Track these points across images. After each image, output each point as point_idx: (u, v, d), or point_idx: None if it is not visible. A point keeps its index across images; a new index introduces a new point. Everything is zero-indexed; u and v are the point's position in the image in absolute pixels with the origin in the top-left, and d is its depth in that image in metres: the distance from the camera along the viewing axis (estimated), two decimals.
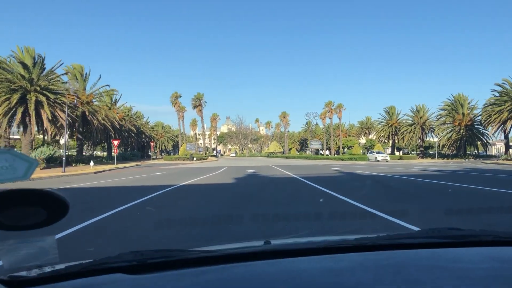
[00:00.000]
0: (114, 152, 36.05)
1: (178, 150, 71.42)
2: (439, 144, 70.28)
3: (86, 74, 45.06)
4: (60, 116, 33.21)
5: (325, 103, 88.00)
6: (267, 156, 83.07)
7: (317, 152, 64.22)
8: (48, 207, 0.86)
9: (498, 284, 1.00)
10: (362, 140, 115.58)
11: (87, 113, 42.66)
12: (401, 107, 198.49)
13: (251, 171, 24.69)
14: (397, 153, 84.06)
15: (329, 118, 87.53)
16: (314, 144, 49.80)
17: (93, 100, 45.55)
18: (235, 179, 17.35)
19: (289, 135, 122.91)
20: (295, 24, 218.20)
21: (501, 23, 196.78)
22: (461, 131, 58.09)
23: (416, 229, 4.94)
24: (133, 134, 61.59)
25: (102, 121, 43.94)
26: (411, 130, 71.58)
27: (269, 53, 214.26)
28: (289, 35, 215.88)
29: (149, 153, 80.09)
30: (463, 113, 58.62)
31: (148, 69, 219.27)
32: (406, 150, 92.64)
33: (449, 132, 59.51)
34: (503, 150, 61.23)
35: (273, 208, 8.27)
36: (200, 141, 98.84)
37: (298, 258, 1.22)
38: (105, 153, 60.29)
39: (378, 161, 42.85)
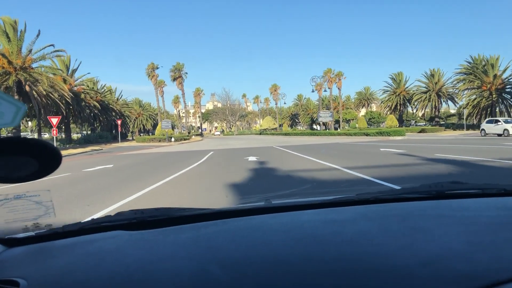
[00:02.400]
0: (53, 134, 25.59)
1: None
2: (459, 113, 61.12)
3: (21, 30, 33.75)
4: None
5: (323, 71, 77.72)
6: (260, 134, 72.69)
7: (325, 126, 54.10)
8: (39, 158, 0.81)
9: (505, 230, 0.99)
10: (361, 113, 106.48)
11: (23, 82, 31.76)
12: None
13: (254, 158, 14.80)
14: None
15: (329, 88, 77.50)
16: (324, 116, 39.92)
17: (35, 65, 34.53)
18: (235, 187, 7.28)
19: (279, 110, 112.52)
20: None
21: None
22: (492, 96, 48.45)
23: None
24: (96, 111, 50.67)
25: (46, 93, 33.03)
26: (425, 98, 62.12)
27: (257, 21, 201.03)
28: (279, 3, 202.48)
29: (125, 133, 69.40)
30: (494, 75, 48.81)
31: (126, 48, 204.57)
32: (412, 122, 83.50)
33: (477, 99, 49.82)
34: None
35: None
36: (185, 120, 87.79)
37: (300, 211, 1.21)
38: (64, 135, 49.33)
39: (502, 135, 27.02)
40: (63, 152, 26.65)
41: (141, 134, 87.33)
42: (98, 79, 59.22)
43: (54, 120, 24.86)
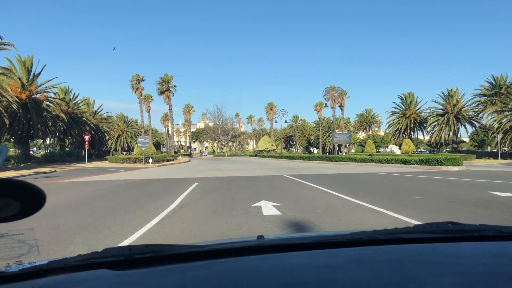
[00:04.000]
0: None
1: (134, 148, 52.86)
2: (476, 139, 54.32)
3: None
4: None
5: (325, 89, 70.92)
6: (255, 156, 64.61)
7: (339, 149, 46.17)
8: (21, 198, 0.79)
9: (501, 280, 0.96)
10: (361, 136, 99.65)
11: None
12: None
13: (271, 207, 7.15)
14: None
15: (331, 108, 70.46)
16: (340, 137, 32.28)
17: None
18: None
19: (273, 132, 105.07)
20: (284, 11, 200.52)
21: None
22: None
23: None
24: (63, 125, 42.63)
25: None
26: (442, 121, 55.27)
27: (252, 38, 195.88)
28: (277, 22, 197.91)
29: (105, 151, 61.07)
30: None
31: (118, 66, 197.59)
32: (421, 147, 76.58)
33: (508, 123, 42.85)
34: None
35: None
36: (175, 138, 79.84)
37: (291, 253, 1.19)
38: (20, 151, 40.97)
39: None
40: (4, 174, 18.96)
41: (124, 153, 79.10)
42: (70, 87, 51.32)
43: None
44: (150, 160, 32.26)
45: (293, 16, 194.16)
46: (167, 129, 79.67)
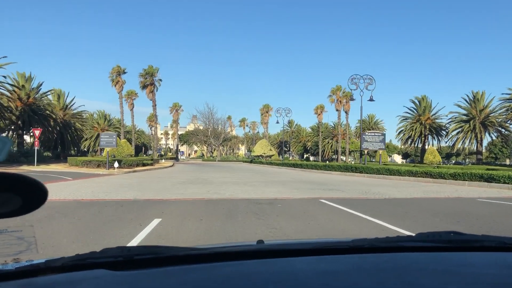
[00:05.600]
0: None
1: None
2: (505, 151, 47.27)
3: None
4: None
5: (331, 89, 63.70)
6: (251, 161, 56.39)
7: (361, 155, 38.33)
8: (23, 193, 0.79)
9: None
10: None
11: None
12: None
13: None
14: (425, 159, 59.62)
15: (337, 110, 63.30)
16: (372, 140, 24.17)
17: None
18: None
19: (266, 137, 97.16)
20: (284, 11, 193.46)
21: None
22: None
23: None
24: (13, 116, 34.33)
25: None
26: (467, 128, 48.09)
27: (244, 39, 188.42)
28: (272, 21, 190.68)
29: (60, 151, 52.34)
30: None
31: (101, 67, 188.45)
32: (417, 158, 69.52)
33: None
34: None
35: None
36: (163, 141, 71.55)
37: (293, 258, 1.17)
38: None
39: None
40: None
41: (101, 155, 70.71)
42: (33, 75, 42.87)
43: None
44: (116, 165, 24.29)
45: (294, 17, 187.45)
46: (152, 129, 71.20)
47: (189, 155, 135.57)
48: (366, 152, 25.79)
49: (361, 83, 25.79)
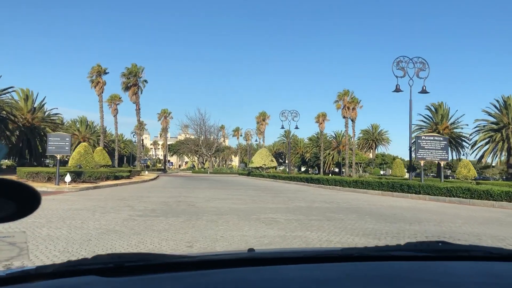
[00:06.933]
0: None
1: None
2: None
3: None
4: None
5: (338, 93, 57.32)
6: (248, 174, 49.00)
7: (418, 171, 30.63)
8: (16, 199, 0.78)
9: None
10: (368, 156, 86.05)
11: None
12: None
13: None
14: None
15: (344, 117, 56.74)
16: (430, 147, 16.47)
17: None
18: None
19: (261, 148, 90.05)
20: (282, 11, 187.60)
21: None
22: None
23: None
24: None
25: None
26: (499, 138, 41.74)
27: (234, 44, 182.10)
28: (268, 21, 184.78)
29: (27, 160, 44.80)
30: None
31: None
32: (446, 172, 63.18)
33: None
34: None
35: None
36: (139, 149, 64.34)
37: (283, 266, 1.19)
38: None
39: None
40: None
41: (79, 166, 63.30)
42: None
43: None
44: (67, 179, 17.28)
45: (292, 24, 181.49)
46: (135, 136, 64.00)
47: (179, 166, 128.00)
48: (422, 164, 18.80)
49: (409, 68, 19.04)
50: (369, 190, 18.76)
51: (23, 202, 0.79)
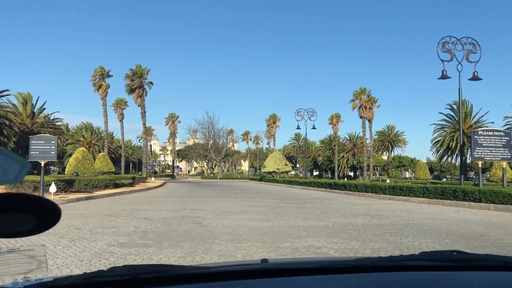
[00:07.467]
0: None
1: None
2: None
3: None
4: None
5: (354, 92, 54.42)
6: (260, 180, 46.03)
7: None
8: (37, 213, 0.81)
9: None
10: (382, 157, 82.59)
11: None
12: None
13: None
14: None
15: (361, 117, 53.71)
16: (490, 146, 13.78)
17: None
18: None
19: (271, 152, 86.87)
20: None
21: None
22: None
23: None
24: None
25: None
26: None
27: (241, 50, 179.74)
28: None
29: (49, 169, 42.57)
30: None
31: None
32: (471, 174, 59.58)
33: None
34: None
35: None
36: (145, 153, 62.03)
37: (296, 277, 1.19)
38: None
39: None
40: None
41: (75, 173, 60.93)
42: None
43: None
44: (52, 189, 14.64)
45: (301, 25, 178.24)
46: (144, 141, 61.67)
47: (188, 172, 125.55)
48: (480, 164, 15.61)
49: (457, 50, 15.98)
50: (411, 198, 15.68)
51: (43, 216, 0.80)
